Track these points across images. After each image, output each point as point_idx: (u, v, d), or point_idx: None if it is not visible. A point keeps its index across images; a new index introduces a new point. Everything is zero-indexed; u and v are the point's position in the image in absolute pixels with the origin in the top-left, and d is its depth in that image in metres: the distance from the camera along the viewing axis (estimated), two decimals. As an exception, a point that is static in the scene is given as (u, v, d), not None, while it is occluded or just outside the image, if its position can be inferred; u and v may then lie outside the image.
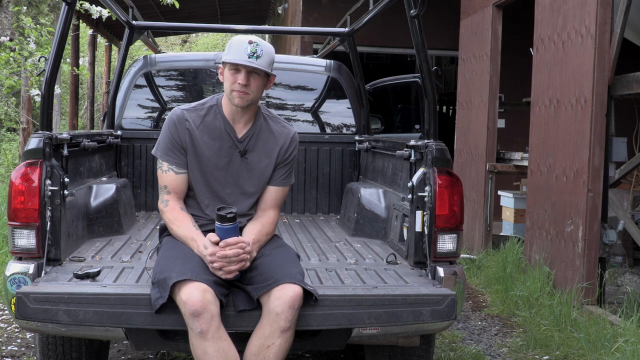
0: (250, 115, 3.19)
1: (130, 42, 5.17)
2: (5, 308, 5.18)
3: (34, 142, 3.25)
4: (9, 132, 19.22)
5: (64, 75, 14.88)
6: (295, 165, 3.36)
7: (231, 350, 2.82)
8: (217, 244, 2.95)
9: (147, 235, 4.20)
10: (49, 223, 3.23)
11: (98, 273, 3.18)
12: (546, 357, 4.71)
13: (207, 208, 3.17)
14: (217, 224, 2.95)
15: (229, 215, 2.93)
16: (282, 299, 2.83)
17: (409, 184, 3.50)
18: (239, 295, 2.95)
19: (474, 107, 8.32)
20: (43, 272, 3.18)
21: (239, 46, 3.04)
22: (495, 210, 7.99)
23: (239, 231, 3.03)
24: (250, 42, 3.03)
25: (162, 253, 3.08)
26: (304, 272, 3.07)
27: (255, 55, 3.02)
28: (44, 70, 3.41)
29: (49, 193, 3.23)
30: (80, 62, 13.91)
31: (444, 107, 14.68)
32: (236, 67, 3.05)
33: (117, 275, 3.23)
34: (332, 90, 5.44)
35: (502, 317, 5.68)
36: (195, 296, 2.77)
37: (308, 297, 2.91)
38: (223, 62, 3.10)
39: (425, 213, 3.41)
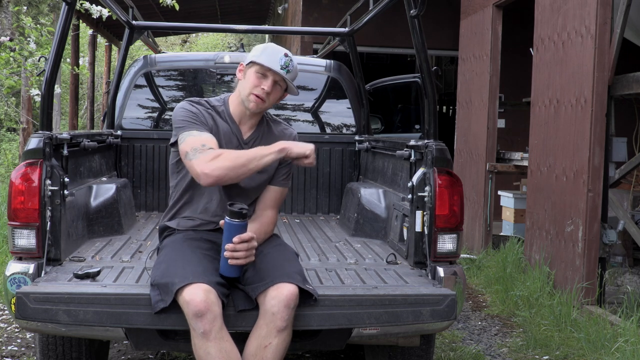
0: (255, 120, 3.22)
1: (130, 42, 5.18)
2: (5, 308, 5.18)
3: (34, 142, 3.25)
4: (9, 132, 19.22)
5: (64, 75, 14.87)
6: (294, 167, 3.37)
7: (233, 351, 2.82)
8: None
9: (147, 235, 4.20)
10: (49, 223, 3.23)
11: (98, 273, 3.18)
12: (546, 357, 4.71)
13: (206, 208, 3.17)
14: (228, 219, 2.90)
15: (244, 212, 2.89)
16: (277, 299, 2.83)
17: (409, 184, 3.50)
18: (239, 295, 2.96)
19: (474, 107, 8.32)
20: (43, 272, 3.18)
21: (274, 54, 3.07)
22: (495, 210, 7.99)
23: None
24: (286, 55, 3.07)
25: (163, 255, 3.07)
26: (303, 271, 3.06)
27: (287, 68, 3.07)
28: (44, 70, 3.41)
29: (49, 193, 3.23)
30: (80, 62, 13.90)
31: (444, 107, 14.68)
32: (264, 73, 3.06)
33: (117, 275, 3.23)
34: (332, 90, 5.44)
35: (502, 317, 5.68)
36: (199, 296, 2.77)
37: (308, 296, 2.91)
38: (251, 62, 3.08)
39: (425, 213, 3.42)
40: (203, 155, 2.91)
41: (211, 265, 2.97)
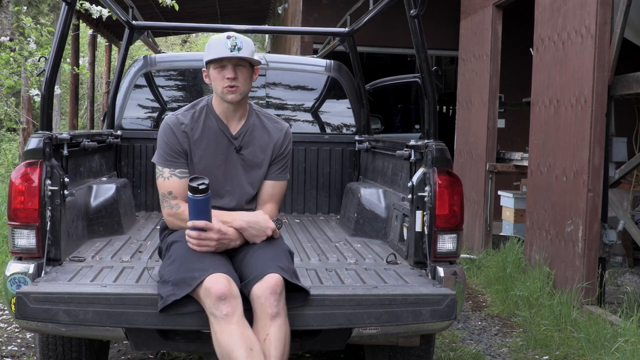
0: (242, 112, 3.24)
1: (130, 42, 5.17)
2: (5, 308, 5.18)
3: (34, 142, 3.25)
4: (9, 132, 19.21)
5: (64, 75, 14.87)
6: (290, 162, 3.39)
7: (255, 339, 2.80)
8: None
9: (147, 235, 4.20)
10: (49, 223, 3.23)
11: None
12: (546, 357, 4.71)
13: None
14: (189, 194, 2.96)
15: (200, 187, 2.93)
16: (262, 288, 2.85)
17: (409, 184, 3.50)
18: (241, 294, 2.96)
19: (474, 107, 8.32)
20: (43, 272, 3.18)
21: (218, 43, 3.09)
22: (495, 210, 7.99)
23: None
24: (229, 37, 3.08)
25: (173, 251, 3.06)
26: (292, 266, 3.05)
27: (236, 47, 3.06)
28: (44, 70, 3.41)
29: (49, 193, 3.23)
30: (80, 62, 13.90)
31: (444, 107, 14.68)
32: (221, 64, 3.09)
33: (117, 275, 3.23)
34: (332, 90, 5.44)
35: (502, 317, 5.68)
36: (221, 282, 2.80)
37: (303, 293, 2.92)
38: (207, 64, 3.14)
39: (425, 213, 3.42)
40: (167, 205, 3.17)
41: (224, 258, 3.01)
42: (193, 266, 2.89)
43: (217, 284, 2.79)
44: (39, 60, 5.41)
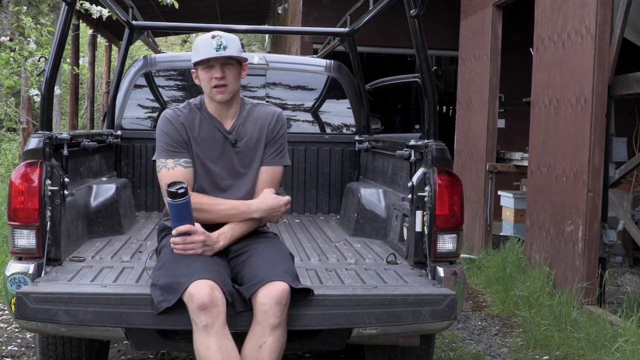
0: (235, 109, 3.25)
1: (130, 42, 5.18)
2: (5, 308, 5.18)
3: (34, 142, 3.25)
4: (9, 132, 19.21)
5: (64, 75, 14.87)
6: (290, 162, 3.38)
7: (233, 351, 2.81)
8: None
9: (147, 235, 4.20)
10: (49, 223, 3.23)
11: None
12: (546, 357, 4.71)
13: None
14: (169, 200, 2.95)
15: (180, 191, 2.92)
16: (268, 296, 2.83)
17: (409, 184, 3.50)
18: (236, 296, 2.95)
19: (474, 107, 8.32)
20: (43, 272, 3.18)
21: (204, 44, 3.10)
22: (495, 210, 7.99)
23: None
24: (214, 37, 3.09)
25: (164, 255, 3.07)
26: (295, 270, 3.05)
27: (222, 47, 3.07)
28: (44, 70, 3.41)
29: (49, 193, 3.23)
30: (80, 62, 13.90)
31: (444, 107, 14.68)
32: (209, 64, 3.10)
33: (117, 275, 3.23)
34: (332, 90, 5.44)
35: (502, 317, 5.68)
36: (204, 290, 2.78)
37: (305, 294, 2.92)
38: (195, 65, 3.15)
39: (425, 213, 3.41)
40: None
41: (214, 262, 2.99)
42: (179, 271, 2.88)
43: (199, 292, 2.77)
44: (39, 60, 5.41)
